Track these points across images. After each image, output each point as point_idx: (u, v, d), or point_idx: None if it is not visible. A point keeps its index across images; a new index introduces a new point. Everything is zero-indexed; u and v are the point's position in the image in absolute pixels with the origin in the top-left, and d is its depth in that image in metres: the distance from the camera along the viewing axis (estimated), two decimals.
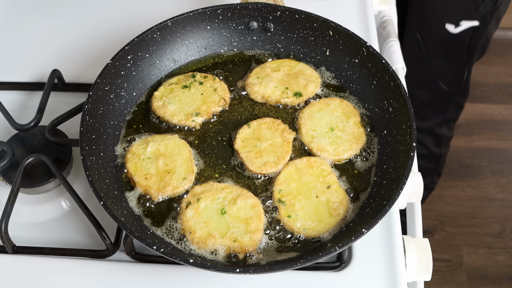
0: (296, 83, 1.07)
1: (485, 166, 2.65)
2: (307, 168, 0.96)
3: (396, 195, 0.84)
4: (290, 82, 1.08)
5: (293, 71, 1.10)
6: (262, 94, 1.06)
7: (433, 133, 2.11)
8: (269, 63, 1.12)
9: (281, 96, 1.06)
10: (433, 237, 2.43)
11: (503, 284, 2.28)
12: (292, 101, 1.06)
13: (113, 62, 1.03)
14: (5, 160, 1.00)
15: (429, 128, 2.10)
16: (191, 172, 0.96)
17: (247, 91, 1.08)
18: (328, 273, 0.91)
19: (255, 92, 1.07)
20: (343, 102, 1.05)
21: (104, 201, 0.84)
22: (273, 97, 1.06)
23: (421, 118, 2.06)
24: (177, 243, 0.89)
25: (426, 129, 2.09)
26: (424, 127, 2.09)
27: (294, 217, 0.90)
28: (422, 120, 2.07)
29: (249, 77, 1.09)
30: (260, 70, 1.10)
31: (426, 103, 2.04)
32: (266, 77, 1.08)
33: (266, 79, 1.08)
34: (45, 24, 1.36)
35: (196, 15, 1.10)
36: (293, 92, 1.06)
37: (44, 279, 0.92)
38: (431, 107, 2.05)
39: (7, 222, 0.94)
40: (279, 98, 1.06)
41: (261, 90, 1.06)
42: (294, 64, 1.11)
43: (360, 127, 1.01)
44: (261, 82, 1.07)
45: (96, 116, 0.99)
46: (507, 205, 2.52)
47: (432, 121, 2.08)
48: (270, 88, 1.06)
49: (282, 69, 1.10)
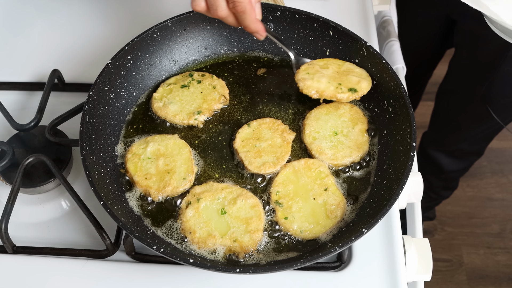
0: (348, 80, 1.03)
1: (485, 166, 2.65)
2: (305, 170, 0.96)
3: (396, 195, 0.84)
4: (342, 78, 1.03)
5: (342, 69, 1.06)
6: (316, 88, 1.01)
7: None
8: (316, 61, 1.08)
9: (336, 91, 1.01)
10: (433, 237, 2.43)
11: (503, 284, 2.28)
12: (347, 97, 1.01)
13: (113, 62, 1.03)
14: (5, 160, 1.00)
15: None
16: (191, 172, 0.96)
17: (299, 86, 1.02)
18: (328, 273, 0.91)
19: (308, 86, 1.01)
20: (353, 108, 1.04)
21: (104, 201, 0.84)
22: (328, 92, 1.01)
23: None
24: (177, 243, 0.89)
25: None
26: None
27: (291, 219, 0.90)
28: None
29: (298, 73, 1.04)
30: (309, 67, 1.06)
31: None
32: (317, 73, 1.04)
33: (318, 75, 1.03)
34: (45, 24, 1.36)
35: (196, 15, 1.10)
36: (347, 87, 1.02)
37: (44, 279, 0.92)
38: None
39: (7, 222, 0.94)
40: (334, 93, 1.01)
41: (315, 84, 1.02)
42: (341, 63, 1.08)
43: (365, 135, 1.01)
44: (312, 77, 1.03)
45: (96, 116, 0.99)
46: (507, 205, 2.52)
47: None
48: (323, 83, 1.02)
49: (330, 66, 1.06)
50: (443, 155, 1.97)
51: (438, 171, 2.05)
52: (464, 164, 2.02)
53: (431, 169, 2.05)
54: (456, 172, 2.07)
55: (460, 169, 2.05)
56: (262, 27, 0.97)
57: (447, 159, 1.98)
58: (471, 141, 1.85)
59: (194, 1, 0.94)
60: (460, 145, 1.88)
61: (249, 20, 0.94)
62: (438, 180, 2.12)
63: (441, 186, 2.17)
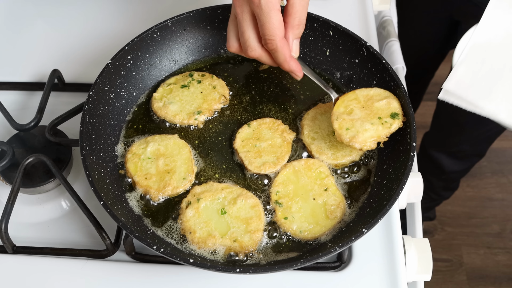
0: (378, 109, 0.95)
1: (485, 166, 2.65)
2: (305, 170, 0.96)
3: (396, 195, 0.84)
4: (374, 112, 0.95)
5: (361, 103, 0.97)
6: (371, 136, 0.92)
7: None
8: (334, 108, 0.97)
9: (385, 128, 0.92)
10: (433, 237, 2.43)
11: (503, 284, 2.28)
12: (398, 125, 0.93)
13: (113, 62, 1.03)
14: (5, 160, 1.00)
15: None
16: (191, 172, 0.96)
17: (352, 145, 0.92)
18: (328, 273, 0.91)
19: (363, 141, 0.91)
20: None
21: (104, 201, 0.84)
22: (382, 134, 0.92)
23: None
24: (177, 243, 0.89)
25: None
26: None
27: (290, 219, 0.90)
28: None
29: (340, 136, 0.93)
30: (341, 122, 0.94)
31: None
32: (356, 123, 0.93)
33: (359, 124, 0.93)
34: (45, 24, 1.36)
35: (196, 15, 1.10)
36: (388, 116, 0.94)
37: (44, 279, 0.92)
38: None
39: (7, 222, 0.94)
40: (387, 132, 0.92)
41: (367, 135, 0.92)
42: (353, 96, 0.98)
43: None
44: (358, 130, 0.92)
45: (96, 116, 0.99)
46: (507, 205, 2.52)
47: None
48: (371, 131, 0.92)
49: (351, 107, 0.96)
50: (444, 156, 1.97)
51: (439, 172, 2.05)
52: (465, 165, 2.02)
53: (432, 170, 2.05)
54: (457, 173, 2.07)
55: (461, 170, 2.05)
56: (297, 67, 0.92)
57: (448, 160, 1.98)
58: (473, 142, 1.84)
59: (228, 42, 0.95)
60: (462, 146, 1.88)
61: (282, 59, 0.90)
62: (438, 181, 2.12)
63: (442, 186, 2.17)
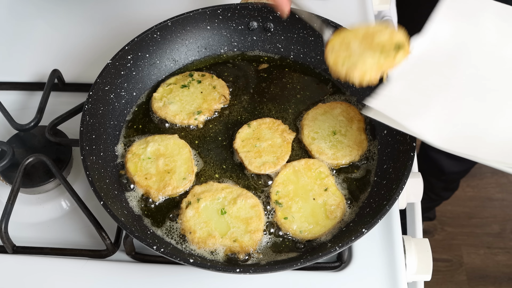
0: (380, 42, 0.85)
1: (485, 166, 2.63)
2: (305, 170, 0.96)
3: (396, 195, 0.84)
4: (374, 46, 0.85)
5: (359, 39, 0.88)
6: (371, 67, 0.84)
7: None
8: (329, 42, 0.91)
9: (388, 60, 0.83)
10: (433, 237, 2.43)
11: (503, 284, 2.28)
12: (403, 56, 0.84)
13: (113, 62, 1.03)
14: (5, 160, 1.00)
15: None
16: (191, 172, 0.96)
17: (349, 79, 0.85)
18: (328, 273, 0.91)
19: (363, 72, 0.84)
20: (350, 108, 1.04)
21: (104, 201, 0.84)
22: (385, 66, 0.84)
23: None
24: (177, 243, 0.89)
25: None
26: None
27: (290, 219, 0.90)
28: None
29: (334, 68, 0.87)
30: (337, 57, 0.88)
31: None
32: (354, 56, 0.86)
33: (357, 56, 0.86)
34: (45, 24, 1.36)
35: (196, 15, 1.10)
36: (391, 49, 0.84)
37: (44, 279, 0.92)
38: None
39: (7, 222, 0.94)
40: (390, 64, 0.84)
41: (367, 65, 0.84)
42: (351, 33, 0.90)
43: (363, 134, 1.01)
44: (356, 61, 0.85)
45: (96, 116, 0.99)
46: (507, 205, 2.51)
47: None
48: (372, 63, 0.84)
49: (348, 40, 0.89)
50: (444, 157, 1.97)
51: (439, 173, 2.05)
52: (465, 166, 2.02)
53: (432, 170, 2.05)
54: (457, 174, 2.07)
55: (461, 171, 2.05)
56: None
57: (448, 160, 1.97)
58: None
59: None
60: None
61: None
62: (438, 181, 2.12)
63: (442, 187, 2.17)
